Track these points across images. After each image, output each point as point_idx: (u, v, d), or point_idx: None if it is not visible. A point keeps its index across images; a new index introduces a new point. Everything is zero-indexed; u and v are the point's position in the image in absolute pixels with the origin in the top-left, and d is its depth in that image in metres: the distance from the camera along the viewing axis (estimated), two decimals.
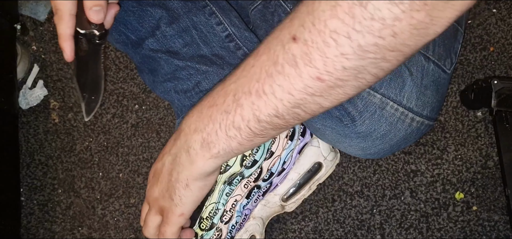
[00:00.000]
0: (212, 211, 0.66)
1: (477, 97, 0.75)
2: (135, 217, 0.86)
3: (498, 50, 0.82)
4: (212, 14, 0.67)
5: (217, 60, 0.66)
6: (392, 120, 0.63)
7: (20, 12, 0.99)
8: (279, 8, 0.69)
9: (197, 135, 0.46)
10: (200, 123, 0.45)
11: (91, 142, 0.91)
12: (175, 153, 0.48)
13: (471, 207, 0.77)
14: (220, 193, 0.66)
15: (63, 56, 0.90)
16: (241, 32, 0.68)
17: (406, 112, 0.63)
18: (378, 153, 0.69)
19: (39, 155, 0.93)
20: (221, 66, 0.66)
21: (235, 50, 0.67)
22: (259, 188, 0.69)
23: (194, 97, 0.67)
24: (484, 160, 0.78)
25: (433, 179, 0.78)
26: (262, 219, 0.74)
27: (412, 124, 0.64)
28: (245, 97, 0.42)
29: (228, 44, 0.67)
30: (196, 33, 0.66)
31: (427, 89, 0.63)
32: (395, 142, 0.66)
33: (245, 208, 0.69)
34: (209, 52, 0.66)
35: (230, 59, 0.67)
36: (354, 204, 0.79)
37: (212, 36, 0.67)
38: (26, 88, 0.96)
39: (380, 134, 0.64)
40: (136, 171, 0.88)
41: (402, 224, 0.78)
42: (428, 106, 0.64)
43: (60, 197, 0.90)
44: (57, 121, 0.94)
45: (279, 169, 0.69)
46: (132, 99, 0.91)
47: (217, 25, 0.67)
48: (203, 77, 0.65)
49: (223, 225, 0.67)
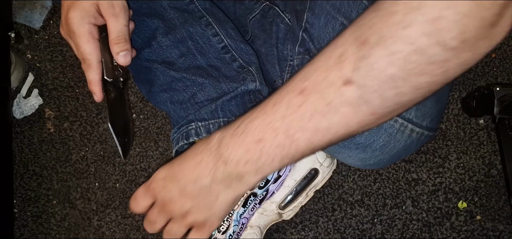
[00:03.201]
0: None
1: (479, 104, 0.74)
2: (132, 228, 0.84)
3: (500, 57, 0.81)
4: (209, 25, 0.68)
5: (213, 71, 0.67)
6: (392, 131, 0.63)
7: (14, 20, 0.98)
8: (277, 18, 0.69)
9: (249, 166, 0.48)
10: (251, 156, 0.48)
11: (87, 152, 0.90)
12: (223, 179, 0.50)
13: (475, 216, 0.75)
14: None
15: (58, 65, 0.89)
16: (237, 44, 0.69)
17: (406, 123, 0.62)
18: (378, 164, 0.68)
19: (34, 165, 0.91)
20: (217, 78, 0.67)
21: (231, 61, 0.68)
22: (256, 196, 0.69)
23: (189, 109, 0.67)
24: (487, 169, 0.76)
25: (435, 188, 0.77)
26: (260, 227, 0.73)
27: (411, 135, 0.64)
28: (299, 134, 0.45)
29: (224, 55, 0.68)
30: (192, 44, 0.67)
31: (427, 100, 0.63)
32: (394, 153, 0.65)
33: (242, 217, 0.68)
34: (205, 63, 0.67)
35: (225, 70, 0.68)
36: (355, 213, 0.78)
37: (208, 47, 0.67)
38: (21, 97, 0.94)
39: (379, 145, 0.64)
40: (134, 181, 0.87)
41: (404, 234, 0.76)
42: (428, 117, 0.64)
43: (55, 209, 0.88)
44: (52, 130, 0.92)
45: (275, 176, 0.69)
46: (130, 108, 0.90)
47: (213, 37, 0.68)
48: (199, 89, 0.66)
49: (220, 236, 0.67)
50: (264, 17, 0.70)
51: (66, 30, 0.57)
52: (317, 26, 0.63)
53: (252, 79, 0.68)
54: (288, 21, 0.68)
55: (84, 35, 0.55)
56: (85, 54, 0.56)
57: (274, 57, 0.70)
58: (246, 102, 0.68)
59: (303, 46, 0.64)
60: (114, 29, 0.56)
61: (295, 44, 0.65)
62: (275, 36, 0.69)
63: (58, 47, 0.95)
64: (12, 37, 0.96)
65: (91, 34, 0.56)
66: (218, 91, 0.68)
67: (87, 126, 0.91)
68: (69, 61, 0.94)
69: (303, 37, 0.64)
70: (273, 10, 0.69)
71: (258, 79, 0.69)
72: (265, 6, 0.70)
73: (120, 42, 0.56)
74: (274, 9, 0.69)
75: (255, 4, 0.71)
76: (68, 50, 0.95)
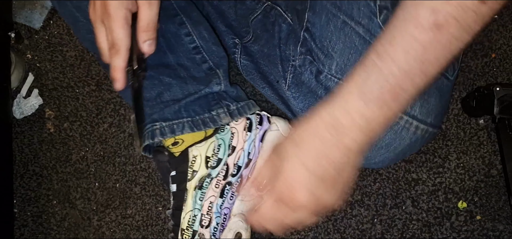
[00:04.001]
0: (190, 220, 0.67)
1: (479, 104, 0.74)
2: (132, 228, 0.84)
3: (500, 57, 0.81)
4: (182, 25, 0.68)
5: (181, 71, 0.68)
6: (397, 129, 0.63)
7: (14, 20, 0.97)
8: (279, 18, 0.69)
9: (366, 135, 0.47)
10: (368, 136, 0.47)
11: (87, 152, 0.90)
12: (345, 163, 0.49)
13: (475, 216, 0.75)
14: (193, 199, 0.67)
15: (58, 65, 0.89)
16: (208, 45, 0.70)
17: (411, 120, 0.62)
18: (383, 162, 0.68)
19: (34, 165, 0.91)
20: (184, 79, 0.68)
21: (200, 62, 0.69)
22: (231, 184, 0.69)
23: (155, 107, 0.68)
24: (487, 169, 0.76)
25: (435, 188, 0.77)
26: (244, 214, 0.73)
27: (416, 132, 0.64)
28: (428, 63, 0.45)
29: (194, 56, 0.69)
30: (164, 41, 0.67)
31: (431, 97, 0.63)
32: (399, 150, 0.65)
33: (222, 208, 0.69)
34: (174, 61, 0.68)
35: (194, 71, 0.68)
36: (355, 213, 0.78)
37: (180, 46, 0.68)
38: (21, 97, 0.94)
39: (384, 143, 0.64)
40: (134, 181, 0.87)
41: (404, 234, 0.76)
42: (432, 113, 0.64)
43: (55, 209, 0.88)
44: (52, 130, 0.92)
45: (246, 161, 0.70)
46: (129, 108, 0.90)
47: (186, 36, 0.69)
48: (166, 88, 0.67)
49: (204, 230, 0.67)
50: (266, 17, 0.70)
51: (99, 13, 0.55)
52: (318, 25, 0.63)
53: (218, 82, 0.70)
54: (290, 21, 0.68)
55: (120, 19, 0.54)
56: (117, 40, 0.55)
57: (276, 58, 0.70)
58: (210, 101, 0.69)
59: (305, 46, 0.64)
60: (145, 16, 0.55)
61: (297, 45, 0.65)
62: (277, 36, 0.69)
63: (58, 47, 0.95)
64: (12, 37, 0.96)
65: (126, 20, 0.55)
66: (184, 92, 0.69)
67: (87, 126, 0.91)
68: (69, 61, 0.94)
69: (305, 37, 0.64)
70: (275, 10, 0.69)
71: (223, 82, 0.71)
72: (267, 6, 0.70)
73: (149, 30, 0.56)
74: (276, 9, 0.69)
75: (256, 4, 0.71)
76: (68, 50, 0.95)
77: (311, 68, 0.64)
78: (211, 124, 0.68)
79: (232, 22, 0.75)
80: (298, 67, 0.65)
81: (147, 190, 0.86)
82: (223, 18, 0.75)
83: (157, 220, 0.84)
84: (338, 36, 0.61)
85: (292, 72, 0.67)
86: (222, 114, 0.69)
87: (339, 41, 0.61)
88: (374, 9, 0.61)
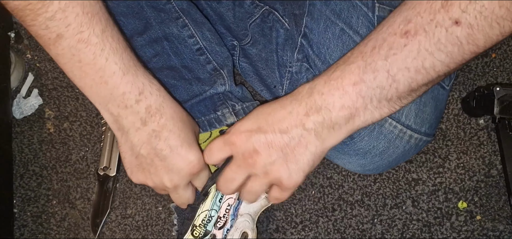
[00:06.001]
0: (205, 219, 0.66)
1: (479, 104, 0.74)
2: (132, 228, 0.84)
3: (500, 57, 0.81)
4: (185, 27, 0.68)
5: (186, 73, 0.68)
6: (391, 137, 0.63)
7: (14, 20, 0.97)
8: (277, 23, 0.69)
9: (344, 111, 0.47)
10: (347, 100, 0.47)
11: (87, 152, 0.90)
12: (314, 128, 0.49)
13: (475, 216, 0.75)
14: (213, 200, 0.66)
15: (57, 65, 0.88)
16: (212, 46, 0.70)
17: (405, 129, 0.63)
18: (377, 169, 0.69)
19: (34, 165, 0.91)
20: (189, 81, 0.68)
21: (205, 63, 0.69)
22: None
23: None
24: (487, 169, 0.76)
25: (435, 188, 0.77)
26: (251, 215, 0.73)
27: (410, 141, 0.64)
28: (401, 74, 0.45)
29: (199, 57, 0.69)
30: (168, 44, 0.67)
31: (426, 106, 0.63)
32: (393, 158, 0.66)
33: (236, 210, 0.69)
34: (179, 64, 0.68)
35: (199, 72, 0.68)
36: (355, 213, 0.78)
37: (183, 48, 0.68)
38: (20, 97, 0.94)
39: (378, 151, 0.64)
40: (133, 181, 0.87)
41: (404, 234, 0.76)
42: (427, 123, 0.64)
43: (55, 209, 0.88)
44: (52, 130, 0.92)
45: None
46: None
47: (189, 38, 0.68)
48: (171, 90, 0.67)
49: (217, 231, 0.67)
50: (264, 22, 0.70)
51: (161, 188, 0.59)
52: (316, 31, 0.63)
53: (222, 83, 0.70)
54: (287, 26, 0.68)
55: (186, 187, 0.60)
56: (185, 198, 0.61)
57: (274, 63, 0.70)
58: (216, 101, 0.69)
59: (302, 52, 0.65)
60: None
61: (294, 51, 0.65)
62: (275, 42, 0.69)
63: None
64: (12, 37, 0.96)
65: None
66: (189, 93, 0.69)
67: (87, 126, 0.91)
68: None
69: (302, 43, 0.64)
70: (273, 15, 0.69)
71: (228, 82, 0.70)
72: (265, 11, 0.70)
73: None
74: (273, 14, 0.69)
75: (254, 8, 0.71)
76: None
77: (308, 75, 0.64)
78: (217, 124, 0.68)
79: (231, 24, 0.75)
80: (295, 74, 0.65)
81: (147, 190, 0.86)
82: (222, 20, 0.75)
83: (157, 220, 0.84)
84: (336, 44, 0.62)
85: (289, 78, 0.67)
86: (227, 113, 0.69)
87: (336, 49, 0.61)
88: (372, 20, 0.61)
